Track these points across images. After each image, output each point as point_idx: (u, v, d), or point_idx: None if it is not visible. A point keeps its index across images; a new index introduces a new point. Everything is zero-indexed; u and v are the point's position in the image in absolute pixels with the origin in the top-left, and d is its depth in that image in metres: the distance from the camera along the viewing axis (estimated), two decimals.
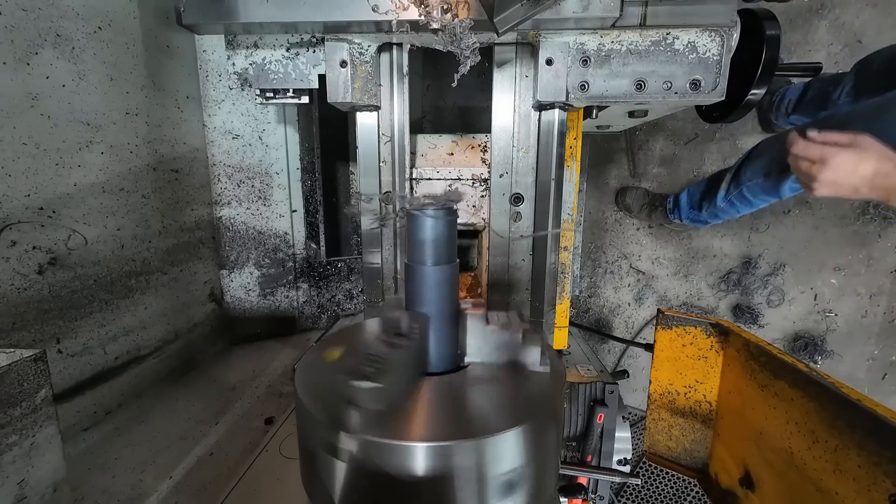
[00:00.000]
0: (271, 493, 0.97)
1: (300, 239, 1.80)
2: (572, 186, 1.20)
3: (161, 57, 1.40)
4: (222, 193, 1.68)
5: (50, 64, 1.07)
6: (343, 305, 1.94)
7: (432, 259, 0.59)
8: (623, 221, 2.32)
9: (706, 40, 0.85)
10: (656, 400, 1.04)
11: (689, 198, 1.97)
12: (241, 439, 1.20)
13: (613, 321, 2.44)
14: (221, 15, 0.82)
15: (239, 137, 1.65)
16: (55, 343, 1.11)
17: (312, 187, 1.79)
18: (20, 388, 0.64)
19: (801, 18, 1.95)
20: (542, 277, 1.02)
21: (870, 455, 0.58)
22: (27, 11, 1.02)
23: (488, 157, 1.03)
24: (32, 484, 0.67)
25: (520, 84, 0.96)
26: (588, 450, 1.09)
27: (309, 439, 0.54)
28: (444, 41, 0.77)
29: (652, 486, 2.32)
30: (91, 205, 1.18)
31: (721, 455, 0.95)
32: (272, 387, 1.47)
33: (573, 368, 1.17)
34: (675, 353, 0.99)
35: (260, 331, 1.81)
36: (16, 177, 1.01)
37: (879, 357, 2.24)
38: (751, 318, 2.26)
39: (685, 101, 0.90)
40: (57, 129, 1.09)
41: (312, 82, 0.95)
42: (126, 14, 1.27)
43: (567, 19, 0.80)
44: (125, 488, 1.01)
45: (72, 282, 1.14)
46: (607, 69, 0.88)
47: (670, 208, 2.06)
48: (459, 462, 0.47)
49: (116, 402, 1.28)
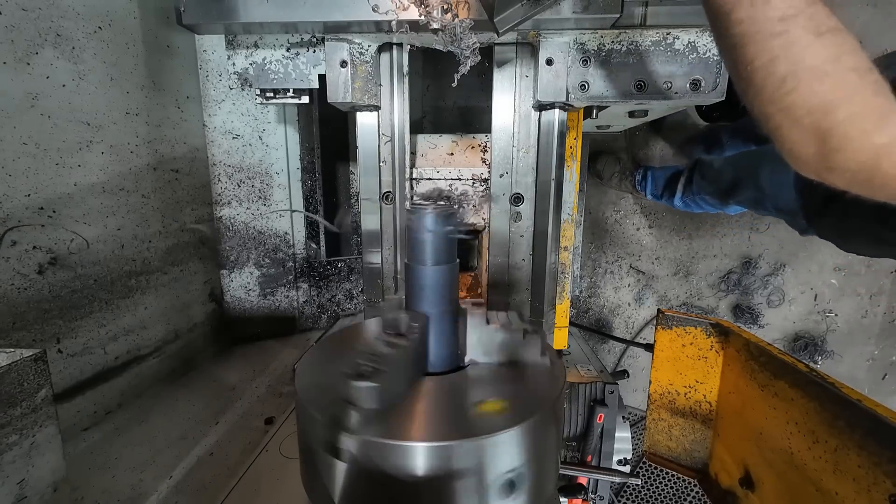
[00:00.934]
0: (271, 493, 0.97)
1: (300, 239, 1.80)
2: (572, 186, 1.20)
3: (161, 57, 1.40)
4: (222, 193, 1.68)
5: (50, 64, 1.07)
6: (343, 305, 1.94)
7: (432, 259, 0.59)
8: (623, 221, 2.32)
9: (706, 40, 0.85)
10: (656, 400, 1.04)
11: (654, 183, 2.06)
12: (241, 439, 1.20)
13: (613, 321, 2.44)
14: (221, 15, 0.82)
15: (239, 137, 1.65)
16: (55, 343, 1.11)
17: (312, 187, 1.79)
18: (20, 388, 0.65)
19: None
20: (542, 277, 1.02)
21: (870, 455, 0.58)
22: (27, 11, 1.02)
23: (488, 157, 1.03)
24: (32, 484, 0.67)
25: (520, 84, 0.96)
26: (588, 450, 1.09)
27: (309, 439, 0.54)
28: (444, 41, 0.77)
29: (652, 486, 2.32)
30: (91, 204, 1.18)
31: (721, 455, 0.95)
32: (272, 387, 1.47)
33: (573, 368, 1.17)
34: (675, 354, 0.99)
35: (260, 331, 1.81)
36: (16, 176, 1.01)
37: (879, 357, 2.24)
38: (751, 318, 2.26)
39: (685, 101, 0.90)
40: (57, 128, 1.09)
41: (312, 82, 0.95)
42: (126, 14, 1.27)
43: (567, 19, 0.80)
44: (125, 488, 1.01)
45: (72, 281, 1.14)
46: (607, 69, 0.88)
47: (639, 180, 2.12)
48: (459, 462, 0.47)
49: (116, 402, 1.28)
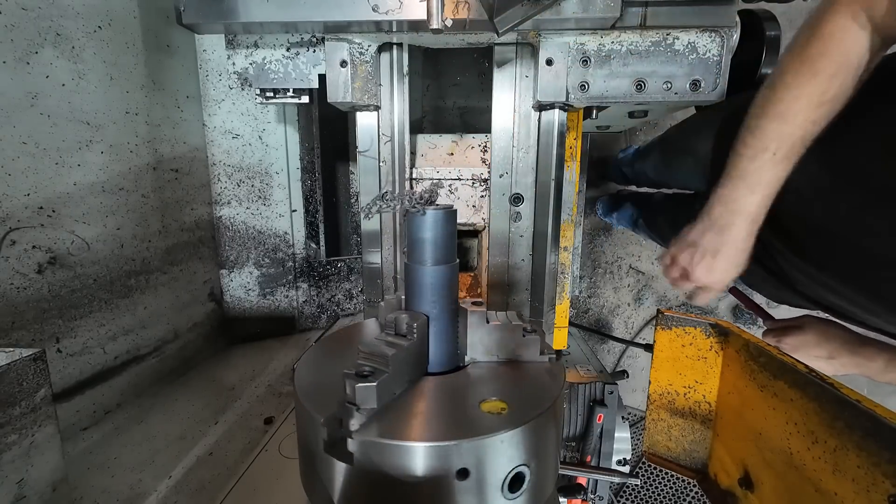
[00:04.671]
0: (271, 492, 0.97)
1: (300, 239, 1.80)
2: (572, 186, 1.20)
3: (161, 56, 1.40)
4: (222, 193, 1.68)
5: (50, 63, 1.07)
6: (343, 305, 1.94)
7: (432, 259, 0.59)
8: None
9: (706, 41, 0.85)
10: (656, 400, 1.03)
11: (603, 209, 2.23)
12: (240, 439, 1.20)
13: (613, 321, 2.44)
14: (221, 14, 0.82)
15: (239, 137, 1.65)
16: (55, 342, 1.11)
17: (312, 187, 1.79)
18: (19, 388, 0.64)
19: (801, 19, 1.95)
20: (541, 277, 1.02)
21: (869, 456, 0.58)
22: (27, 10, 1.02)
23: (488, 157, 1.03)
24: (32, 483, 0.67)
25: (520, 84, 0.96)
26: (587, 450, 1.09)
27: (308, 439, 0.54)
28: (445, 41, 0.77)
29: (651, 487, 2.32)
30: (91, 204, 1.18)
31: (720, 455, 0.95)
32: (272, 387, 1.47)
33: (573, 368, 1.17)
34: (674, 354, 0.99)
35: (259, 330, 1.81)
36: (15, 176, 1.01)
37: None
38: (750, 318, 2.26)
39: (685, 101, 0.90)
40: (57, 128, 1.09)
41: (312, 82, 0.95)
42: (126, 13, 1.27)
43: (567, 19, 0.80)
44: (124, 488, 1.01)
45: (71, 281, 1.14)
46: (607, 69, 0.88)
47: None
48: (459, 462, 0.47)
49: (116, 402, 1.28)
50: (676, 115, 2.10)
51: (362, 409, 0.48)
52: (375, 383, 0.48)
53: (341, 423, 0.48)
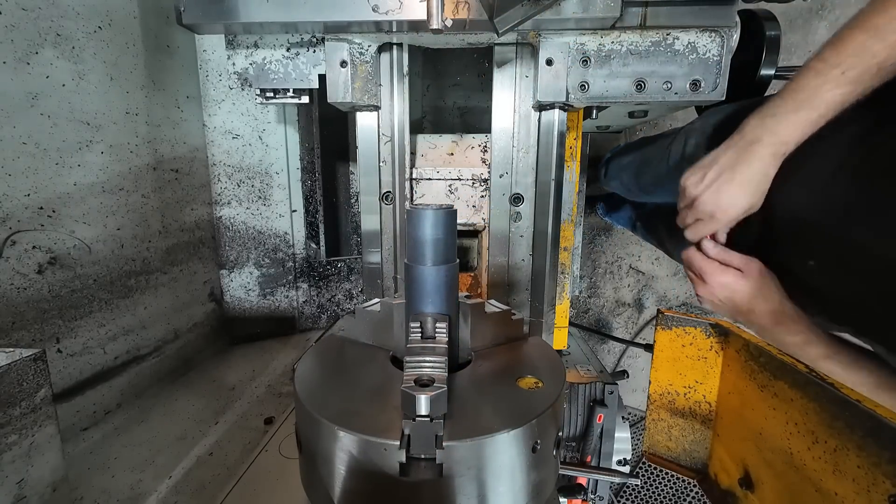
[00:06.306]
0: (271, 492, 0.97)
1: (300, 239, 1.80)
2: (572, 186, 1.20)
3: (161, 57, 1.40)
4: (222, 193, 1.68)
5: (50, 63, 1.07)
6: (343, 305, 1.94)
7: (432, 259, 0.58)
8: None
9: (706, 41, 0.85)
10: (656, 400, 1.03)
11: (604, 210, 2.21)
12: (240, 439, 1.20)
13: (613, 321, 2.44)
14: (221, 15, 0.82)
15: (239, 137, 1.65)
16: (55, 343, 1.11)
17: (312, 187, 1.79)
18: (20, 388, 0.64)
19: (801, 19, 1.95)
20: (541, 277, 1.02)
21: (869, 456, 0.58)
22: (27, 11, 1.02)
23: (488, 158, 1.03)
24: (32, 483, 0.67)
25: (520, 84, 0.96)
26: (588, 450, 1.09)
27: (308, 439, 0.54)
28: (445, 41, 0.77)
29: (651, 487, 2.32)
30: (91, 204, 1.18)
31: (720, 455, 0.95)
32: (272, 387, 1.47)
33: (573, 368, 1.17)
34: (674, 354, 0.99)
35: (259, 330, 1.81)
36: (15, 176, 1.01)
37: None
38: None
39: (685, 101, 0.90)
40: (57, 128, 1.09)
41: (312, 82, 0.95)
42: (126, 13, 1.27)
43: (567, 19, 0.80)
44: (124, 488, 1.01)
45: (71, 281, 1.14)
46: (607, 69, 0.88)
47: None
48: (460, 462, 0.47)
49: (116, 402, 1.28)
50: (677, 115, 2.11)
51: (435, 420, 0.46)
52: (444, 389, 0.47)
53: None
